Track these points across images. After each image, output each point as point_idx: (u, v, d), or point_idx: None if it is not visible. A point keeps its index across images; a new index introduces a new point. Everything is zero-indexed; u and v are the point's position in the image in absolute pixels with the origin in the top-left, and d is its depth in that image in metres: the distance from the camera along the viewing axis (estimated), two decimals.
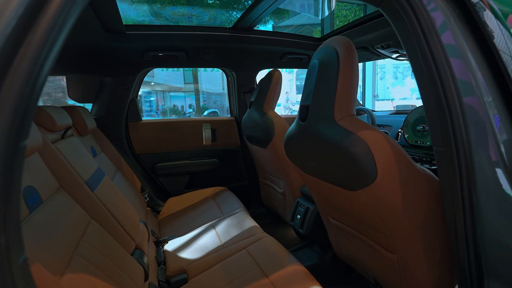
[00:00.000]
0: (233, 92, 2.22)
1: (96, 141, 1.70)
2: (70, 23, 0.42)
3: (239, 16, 1.69)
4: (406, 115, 1.67)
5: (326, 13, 3.07)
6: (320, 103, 0.88)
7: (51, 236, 0.71)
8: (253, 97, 1.86)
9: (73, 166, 0.99)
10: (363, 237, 1.04)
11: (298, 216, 1.56)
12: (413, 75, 0.72)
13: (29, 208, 0.70)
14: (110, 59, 1.73)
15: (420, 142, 1.56)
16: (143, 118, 2.05)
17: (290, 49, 2.07)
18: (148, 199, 1.87)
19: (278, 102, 1.93)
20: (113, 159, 1.74)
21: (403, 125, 1.68)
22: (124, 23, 1.49)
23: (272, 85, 1.67)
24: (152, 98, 16.45)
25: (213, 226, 1.48)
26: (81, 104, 1.84)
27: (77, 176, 0.98)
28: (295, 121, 1.05)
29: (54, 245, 0.71)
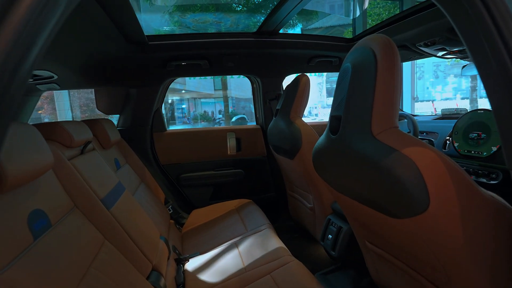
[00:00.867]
0: (259, 99, 2.13)
1: (121, 152, 1.70)
2: (51, 23, 0.36)
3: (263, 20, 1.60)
4: (455, 121, 1.44)
5: (358, 12, 2.89)
6: (354, 114, 0.75)
7: (57, 265, 0.66)
8: (279, 105, 1.75)
9: (89, 183, 0.95)
10: (408, 269, 0.87)
11: (330, 236, 1.41)
12: (460, 72, 0.56)
13: (34, 234, 0.65)
14: (134, 70, 1.73)
15: (475, 152, 1.33)
16: (174, 126, 2.04)
17: (319, 52, 1.93)
18: (172, 211, 1.83)
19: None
20: (137, 170, 1.73)
21: (451, 132, 1.45)
22: (146, 33, 1.47)
23: (299, 92, 1.54)
24: (183, 106, 17.05)
25: (236, 245, 1.38)
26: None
27: (92, 194, 0.94)
28: (325, 133, 0.92)
29: (59, 276, 0.65)
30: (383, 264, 1.01)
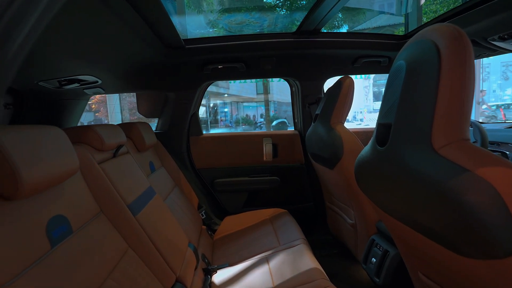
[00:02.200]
0: (297, 103, 2.01)
1: (157, 155, 1.72)
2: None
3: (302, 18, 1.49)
4: None
5: (411, 7, 2.60)
6: (408, 122, 0.61)
7: (72, 275, 0.63)
8: (318, 109, 1.61)
9: (117, 187, 0.93)
10: None
11: (373, 260, 1.23)
12: None
13: (52, 242, 0.63)
14: (172, 74, 1.75)
15: None
16: (216, 129, 2.04)
17: (365, 52, 1.75)
18: (204, 216, 1.80)
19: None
20: (172, 174, 1.74)
21: None
22: (183, 37, 1.46)
23: (341, 95, 1.40)
24: (226, 109, 17.53)
25: (266, 260, 1.28)
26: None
27: (119, 199, 0.92)
28: (370, 143, 0.78)
29: (75, 286, 0.62)
30: None
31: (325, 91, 1.92)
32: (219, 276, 1.26)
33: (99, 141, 0.97)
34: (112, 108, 10.07)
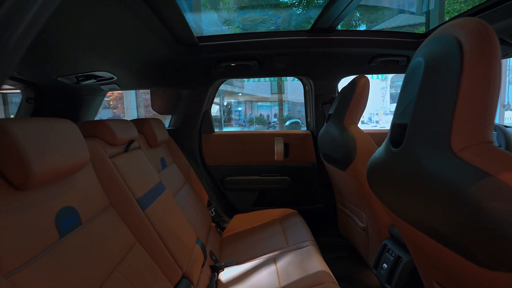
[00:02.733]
0: (310, 103, 1.98)
1: (169, 152, 1.74)
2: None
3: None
4: None
5: (433, 4, 2.51)
6: (426, 122, 0.57)
7: (79, 266, 0.64)
8: (331, 109, 1.58)
9: (127, 182, 0.94)
10: None
11: (385, 265, 1.19)
12: None
13: (61, 232, 0.64)
14: (185, 71, 1.76)
15: None
16: (230, 128, 2.04)
17: (382, 50, 1.69)
18: (214, 214, 1.81)
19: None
20: (183, 170, 1.75)
21: None
22: (197, 35, 1.46)
23: (356, 95, 1.36)
24: (240, 108, 17.58)
25: (274, 260, 1.26)
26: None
27: (129, 193, 0.93)
28: (384, 144, 0.75)
29: (79, 277, 0.63)
30: None
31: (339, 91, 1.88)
32: (226, 274, 1.25)
33: (111, 135, 0.98)
34: (127, 104, 10.33)
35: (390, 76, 15.43)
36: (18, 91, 1.69)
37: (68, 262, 0.62)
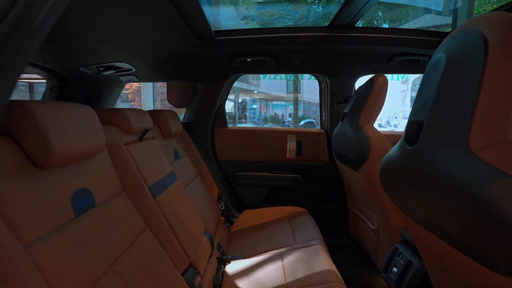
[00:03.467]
0: (326, 101, 1.95)
1: (183, 144, 1.77)
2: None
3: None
4: None
5: (460, 3, 2.40)
6: (443, 119, 0.55)
7: (92, 245, 0.67)
8: (347, 108, 1.55)
9: (140, 169, 0.97)
10: None
11: (395, 269, 1.16)
12: None
13: (76, 212, 0.67)
14: (202, 65, 1.77)
15: None
16: (243, 125, 2.05)
17: (403, 49, 1.64)
18: (223, 208, 1.82)
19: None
20: (195, 163, 1.77)
21: None
22: (214, 29, 1.47)
23: (372, 94, 1.33)
24: (254, 106, 17.59)
25: (281, 256, 1.26)
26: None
27: (141, 180, 0.95)
28: (399, 143, 0.73)
29: (91, 256, 0.65)
30: None
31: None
32: (232, 267, 1.26)
33: (128, 123, 1.01)
34: (145, 96, 10.58)
35: (411, 79, 14.96)
36: (44, 81, 1.77)
37: (81, 241, 0.64)
